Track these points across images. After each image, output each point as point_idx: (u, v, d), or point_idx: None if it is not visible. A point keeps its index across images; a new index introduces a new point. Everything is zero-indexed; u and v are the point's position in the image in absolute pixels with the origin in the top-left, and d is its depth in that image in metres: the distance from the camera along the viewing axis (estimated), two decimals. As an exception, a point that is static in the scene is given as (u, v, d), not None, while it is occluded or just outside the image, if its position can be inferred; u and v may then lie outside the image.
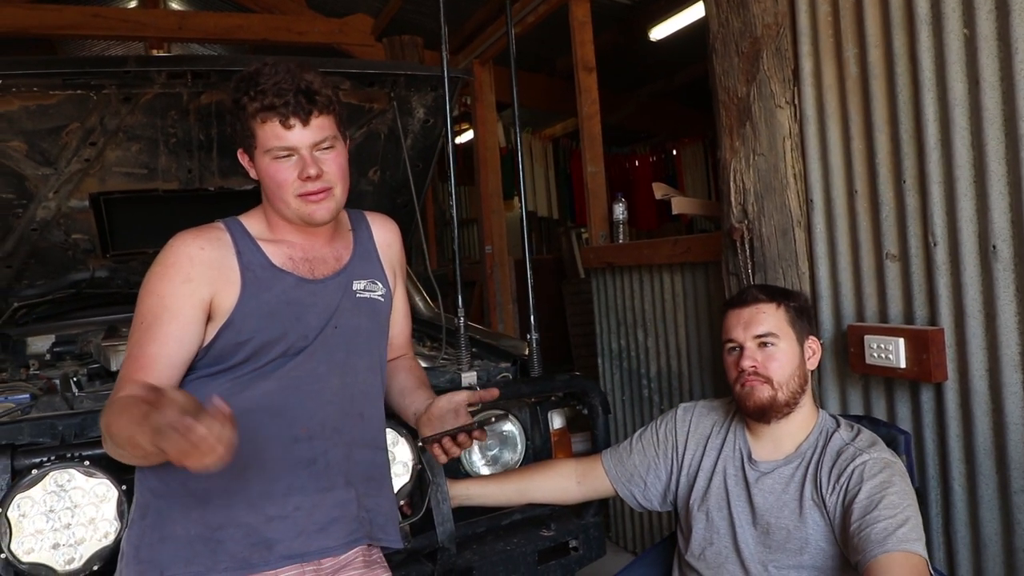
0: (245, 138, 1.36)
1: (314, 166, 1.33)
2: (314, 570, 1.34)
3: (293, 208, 1.36)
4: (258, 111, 1.31)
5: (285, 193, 1.35)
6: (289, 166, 1.33)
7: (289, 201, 1.35)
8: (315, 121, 1.33)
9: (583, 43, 3.84)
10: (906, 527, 1.36)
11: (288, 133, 1.31)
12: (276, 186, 1.35)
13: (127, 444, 1.16)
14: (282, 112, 1.30)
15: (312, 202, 1.35)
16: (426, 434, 1.47)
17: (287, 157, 1.33)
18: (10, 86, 1.91)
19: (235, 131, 1.39)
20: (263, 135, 1.32)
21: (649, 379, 3.27)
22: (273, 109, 1.30)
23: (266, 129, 1.32)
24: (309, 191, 1.34)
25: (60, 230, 2.43)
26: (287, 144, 1.32)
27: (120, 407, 1.20)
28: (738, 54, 2.34)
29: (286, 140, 1.32)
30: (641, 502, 1.80)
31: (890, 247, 1.99)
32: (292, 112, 1.30)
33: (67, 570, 1.44)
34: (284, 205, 1.36)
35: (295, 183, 1.34)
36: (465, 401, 1.47)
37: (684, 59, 5.97)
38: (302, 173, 1.33)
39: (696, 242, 2.88)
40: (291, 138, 1.32)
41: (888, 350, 1.93)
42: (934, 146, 1.85)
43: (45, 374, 2.27)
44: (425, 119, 2.44)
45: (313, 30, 5.45)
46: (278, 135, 1.31)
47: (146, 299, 1.34)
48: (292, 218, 1.38)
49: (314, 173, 1.32)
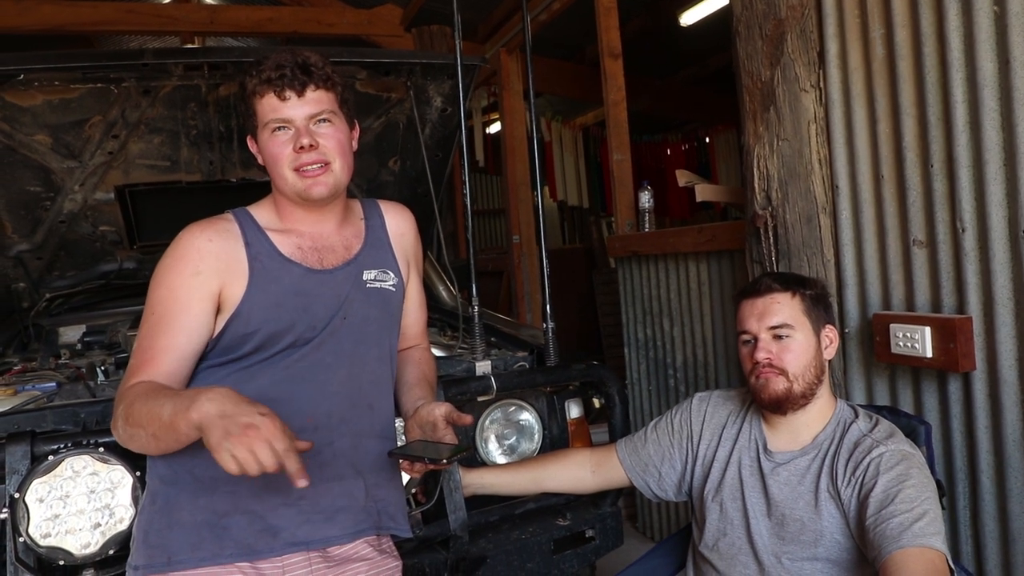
0: (249, 119, 1.39)
1: (308, 136, 1.33)
2: (320, 557, 1.35)
3: (290, 183, 1.36)
4: (257, 86, 1.34)
5: (282, 167, 1.35)
6: (285, 139, 1.35)
7: (286, 175, 1.36)
8: (311, 94, 1.34)
9: (609, 29, 3.79)
10: (923, 521, 1.32)
11: (284, 105, 1.33)
12: (273, 160, 1.36)
13: (145, 419, 1.18)
14: (277, 84, 1.32)
15: (308, 176, 1.35)
16: (404, 440, 1.45)
17: (283, 130, 1.35)
18: (32, 80, 1.95)
19: (244, 116, 1.41)
20: (261, 110, 1.35)
21: (675, 369, 3.23)
22: (270, 82, 1.33)
23: (264, 103, 1.34)
24: (304, 163, 1.35)
25: (87, 222, 2.47)
26: (282, 116, 1.34)
27: (142, 393, 1.22)
28: (762, 37, 2.28)
29: (281, 111, 1.34)
30: (656, 492, 1.77)
31: (917, 233, 1.93)
32: (287, 84, 1.33)
33: (83, 554, 1.47)
34: (283, 181, 1.37)
35: (291, 156, 1.34)
36: (442, 417, 1.40)
37: (717, 45, 5.87)
38: (295, 145, 1.34)
39: (721, 230, 2.84)
40: (286, 110, 1.34)
41: (914, 339, 1.88)
42: (963, 128, 1.78)
43: (74, 363, 2.32)
44: (443, 108, 2.43)
45: (342, 21, 5.47)
46: (274, 107, 1.34)
47: (156, 291, 1.36)
48: (291, 195, 1.39)
49: (307, 143, 1.33)
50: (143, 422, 1.18)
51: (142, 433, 1.20)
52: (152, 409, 1.17)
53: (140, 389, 1.24)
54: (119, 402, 1.26)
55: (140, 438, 1.22)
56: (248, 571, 1.29)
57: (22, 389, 1.92)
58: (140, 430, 1.20)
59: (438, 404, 1.43)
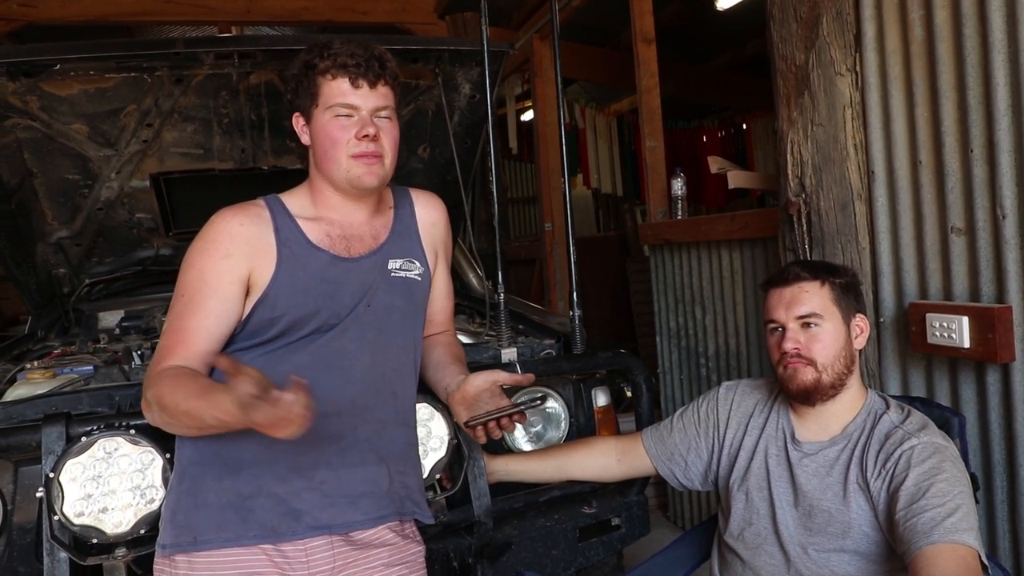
0: (307, 97, 1.40)
1: (372, 127, 1.37)
2: (343, 540, 1.36)
3: (344, 168, 1.38)
4: (329, 68, 1.36)
5: (339, 152, 1.37)
6: (349, 124, 1.37)
7: (341, 160, 1.38)
8: (381, 88, 1.38)
9: (642, 14, 3.74)
10: (955, 517, 1.29)
11: (355, 92, 1.36)
12: (331, 143, 1.38)
13: (183, 415, 1.22)
14: (353, 71, 1.36)
15: (364, 163, 1.38)
16: (461, 414, 1.48)
17: (348, 116, 1.37)
18: (68, 70, 1.99)
19: (296, 94, 1.42)
20: (329, 91, 1.37)
21: (707, 358, 3.20)
22: (345, 68, 1.36)
23: (333, 86, 1.36)
24: (364, 151, 1.37)
25: (124, 209, 2.52)
26: (351, 102, 1.36)
27: (175, 381, 1.25)
28: (796, 20, 2.23)
29: (351, 98, 1.36)
30: (682, 481, 1.76)
31: (956, 220, 1.88)
32: (363, 73, 1.36)
33: (115, 532, 1.51)
34: (335, 165, 1.38)
35: (351, 142, 1.37)
36: (501, 382, 1.46)
37: (754, 29, 5.76)
38: (360, 132, 1.36)
39: (753, 217, 2.79)
40: (356, 97, 1.36)
41: (951, 329, 1.83)
42: (1004, 112, 1.73)
43: (112, 347, 2.38)
44: (471, 95, 2.42)
45: (376, 9, 5.48)
46: (344, 92, 1.36)
47: (187, 273, 1.38)
48: (341, 182, 1.40)
49: (372, 132, 1.36)
50: (178, 413, 1.23)
51: (178, 423, 1.25)
52: (191, 405, 1.20)
53: (172, 375, 1.27)
54: (150, 385, 1.29)
55: (176, 426, 1.28)
56: (272, 553, 1.31)
57: (61, 372, 1.97)
58: (176, 420, 1.24)
59: (492, 371, 1.49)
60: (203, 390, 1.21)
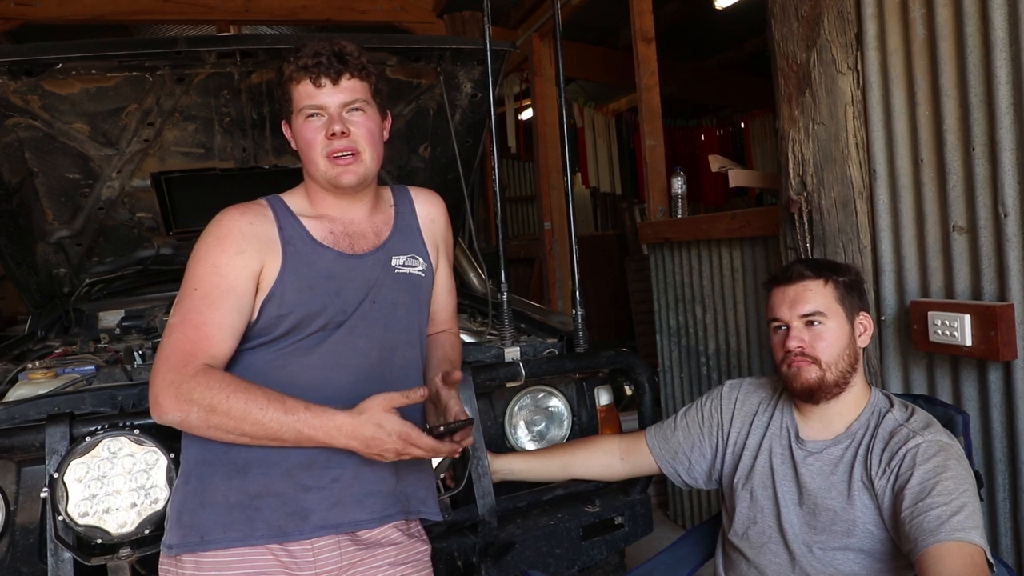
0: (286, 103, 1.42)
1: (340, 123, 1.36)
2: (350, 540, 1.36)
3: (322, 170, 1.39)
4: (294, 72, 1.37)
5: (314, 153, 1.38)
6: (319, 125, 1.38)
7: (318, 162, 1.38)
8: (345, 83, 1.37)
9: (642, 13, 3.75)
10: (961, 515, 1.29)
11: (319, 92, 1.36)
12: (306, 145, 1.39)
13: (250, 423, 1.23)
14: (313, 72, 1.36)
15: (339, 164, 1.38)
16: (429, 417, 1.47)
17: (317, 116, 1.38)
18: (69, 69, 1.98)
19: (280, 101, 1.44)
20: (297, 95, 1.38)
21: (707, 356, 3.20)
22: (307, 69, 1.36)
23: (300, 89, 1.38)
24: (335, 150, 1.37)
25: (125, 209, 2.52)
26: (317, 102, 1.37)
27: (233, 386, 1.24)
28: (798, 18, 2.24)
29: (316, 98, 1.37)
30: (686, 480, 1.76)
31: (957, 219, 1.88)
32: (323, 72, 1.36)
33: (120, 533, 1.50)
34: (314, 167, 1.40)
35: (323, 142, 1.37)
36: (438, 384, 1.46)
37: (753, 28, 5.77)
38: (327, 131, 1.36)
39: (754, 216, 2.80)
40: (321, 96, 1.37)
41: (953, 327, 1.83)
42: (1006, 110, 1.73)
43: (113, 347, 2.37)
44: (473, 94, 2.42)
45: (375, 8, 5.48)
46: (309, 93, 1.37)
47: (198, 267, 1.36)
48: (322, 182, 1.41)
49: (339, 130, 1.36)
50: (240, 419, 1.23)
51: (232, 428, 1.24)
52: (268, 417, 1.23)
53: (227, 380, 1.25)
54: (194, 385, 1.24)
55: (221, 431, 1.25)
56: (279, 553, 1.31)
57: (63, 372, 1.97)
58: (232, 425, 1.23)
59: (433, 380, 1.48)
60: (284, 403, 1.24)
